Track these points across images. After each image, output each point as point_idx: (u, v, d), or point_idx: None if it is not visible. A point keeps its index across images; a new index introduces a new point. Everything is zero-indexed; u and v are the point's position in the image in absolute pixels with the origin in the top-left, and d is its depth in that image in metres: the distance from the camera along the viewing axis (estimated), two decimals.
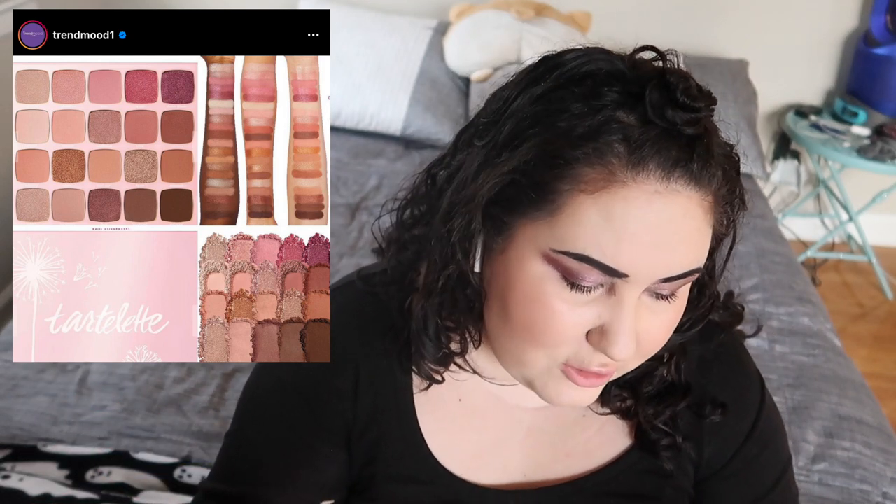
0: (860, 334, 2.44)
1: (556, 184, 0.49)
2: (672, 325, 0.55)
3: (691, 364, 0.66)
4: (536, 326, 0.52)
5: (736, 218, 0.56)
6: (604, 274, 0.50)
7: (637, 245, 0.48)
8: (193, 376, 1.38)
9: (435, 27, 2.44)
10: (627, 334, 0.51)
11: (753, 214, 2.07)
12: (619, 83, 0.50)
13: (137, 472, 1.17)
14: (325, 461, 0.66)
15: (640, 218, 0.48)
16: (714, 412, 0.65)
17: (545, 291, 0.51)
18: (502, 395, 0.66)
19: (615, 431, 0.67)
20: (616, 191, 0.48)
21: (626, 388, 0.65)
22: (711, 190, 0.50)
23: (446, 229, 0.54)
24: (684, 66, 0.53)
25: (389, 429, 0.65)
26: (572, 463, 0.67)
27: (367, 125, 2.32)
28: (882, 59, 2.39)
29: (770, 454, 0.68)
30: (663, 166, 0.48)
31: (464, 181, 0.54)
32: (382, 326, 0.64)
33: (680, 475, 0.67)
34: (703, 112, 0.49)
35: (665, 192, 0.48)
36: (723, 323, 0.67)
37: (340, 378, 0.65)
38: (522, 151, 0.50)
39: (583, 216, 0.49)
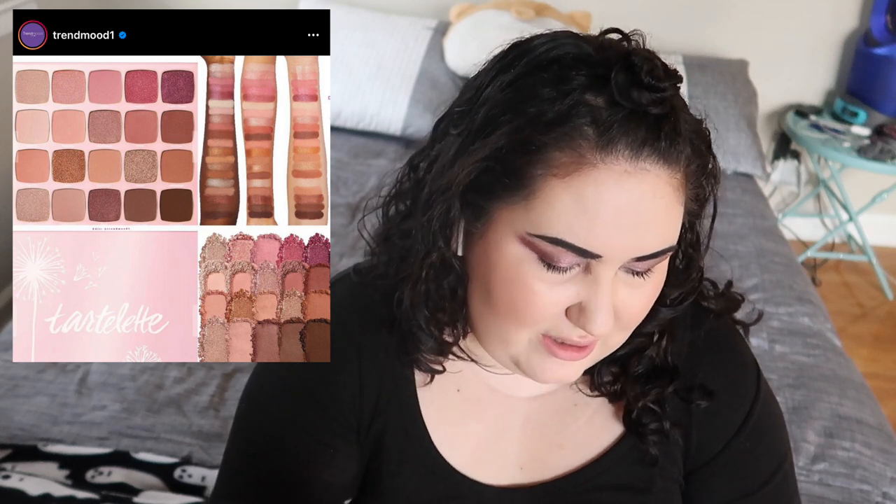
0: (860, 334, 2.44)
1: (529, 169, 0.51)
2: (650, 298, 0.57)
3: (682, 349, 0.66)
4: (517, 305, 0.54)
5: (714, 192, 0.57)
6: (578, 255, 0.51)
7: (609, 227, 0.50)
8: (193, 376, 1.38)
9: (435, 27, 2.44)
10: (604, 310, 0.53)
11: (753, 214, 2.08)
12: (586, 66, 0.51)
13: (137, 472, 1.17)
14: (346, 459, 0.66)
15: (610, 200, 0.50)
16: (701, 397, 0.65)
17: (524, 272, 0.53)
18: (497, 385, 0.67)
19: (605, 419, 0.68)
20: (587, 173, 0.50)
21: (615, 365, 0.65)
22: (681, 167, 0.52)
23: (426, 218, 0.56)
24: (684, 66, 0.54)
25: (393, 421, 0.66)
26: (565, 454, 0.67)
27: (367, 125, 2.32)
28: (882, 59, 2.39)
29: (765, 447, 0.67)
30: (631, 147, 0.49)
31: (441, 170, 0.56)
32: (380, 319, 0.64)
33: (669, 464, 0.67)
34: (668, 91, 0.50)
35: (634, 172, 0.50)
36: (718, 309, 0.67)
37: (344, 372, 0.65)
38: (495, 138, 0.52)
39: (555, 200, 0.50)
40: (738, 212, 2.07)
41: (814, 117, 2.54)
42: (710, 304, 0.67)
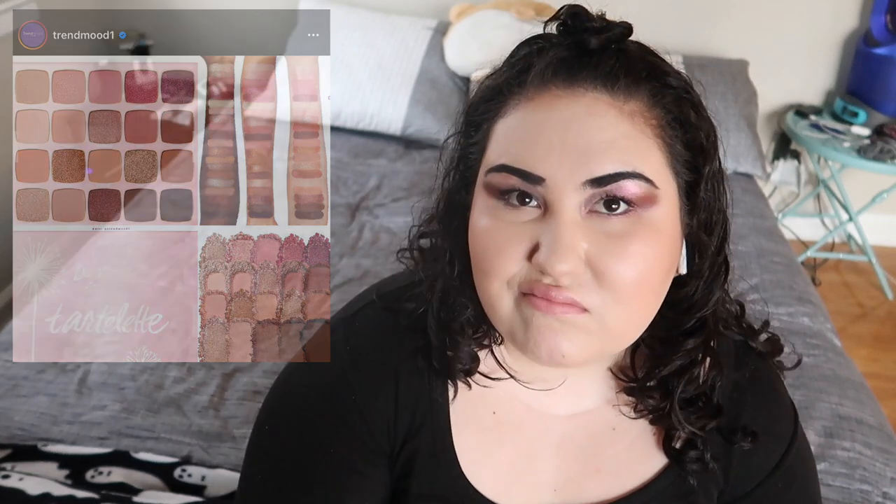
0: (860, 334, 2.44)
1: (488, 119, 0.56)
2: (639, 257, 0.52)
3: (726, 388, 0.65)
4: (482, 255, 0.55)
5: (711, 144, 0.58)
6: (522, 180, 0.52)
7: (546, 146, 0.51)
8: (193, 376, 1.38)
9: (435, 27, 2.44)
10: (561, 244, 0.50)
11: (753, 214, 2.08)
12: (543, 39, 0.56)
13: (137, 472, 1.17)
14: (377, 483, 0.65)
15: (544, 120, 0.52)
16: (744, 439, 0.64)
17: (486, 220, 0.55)
18: (534, 403, 0.66)
19: (645, 448, 0.66)
20: (525, 105, 0.54)
21: (657, 388, 0.63)
22: (630, 97, 0.53)
23: (439, 216, 0.60)
24: (684, 66, 0.55)
25: (425, 445, 0.65)
26: (602, 481, 0.66)
27: (367, 125, 2.32)
28: (882, 59, 2.39)
29: (797, 490, 0.67)
30: (566, 72, 0.53)
31: (448, 172, 0.60)
32: (413, 344, 0.64)
33: (704, 500, 0.66)
34: (611, 30, 0.54)
35: (566, 95, 0.52)
36: (762, 352, 0.67)
37: (382, 397, 0.64)
38: (473, 104, 0.58)
39: (500, 136, 0.55)
40: (738, 212, 2.07)
41: (814, 117, 2.54)
42: (756, 346, 0.66)
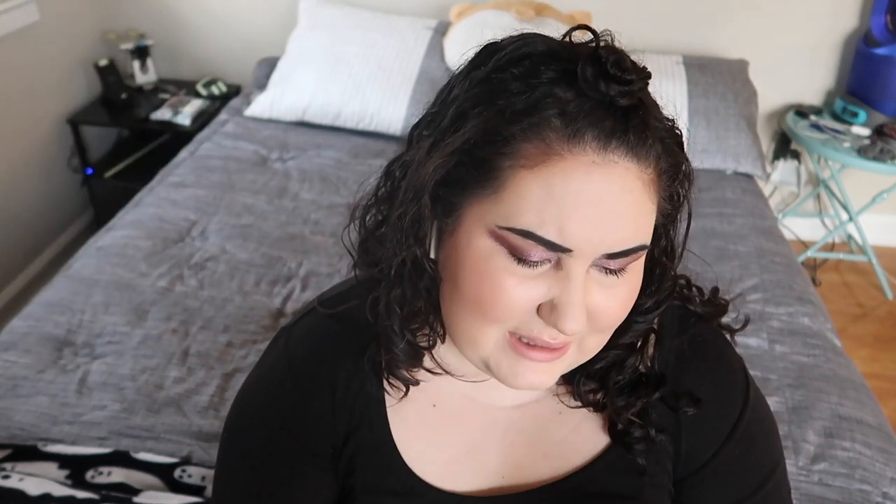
0: (860, 334, 2.44)
1: (498, 161, 0.51)
2: (627, 300, 0.55)
3: (669, 356, 0.65)
4: (486, 301, 0.53)
5: (687, 194, 0.57)
6: (548, 249, 0.50)
7: (579, 219, 0.49)
8: (193, 376, 1.38)
9: (435, 27, 2.44)
10: (576, 307, 0.51)
11: (753, 214, 2.08)
12: (556, 61, 0.51)
13: (137, 472, 1.17)
14: (320, 483, 0.68)
15: (579, 191, 0.49)
16: (688, 405, 0.64)
17: (493, 265, 0.52)
18: (476, 395, 0.67)
19: (591, 429, 0.67)
20: (555, 164, 0.49)
21: (595, 380, 0.65)
22: (651, 163, 0.51)
23: (397, 216, 0.56)
24: (684, 66, 0.54)
25: (364, 443, 0.67)
26: (550, 464, 0.66)
27: (367, 125, 2.32)
28: (882, 59, 2.38)
29: (755, 455, 0.66)
30: (599, 137, 0.49)
31: (414, 171, 0.55)
32: (350, 345, 0.66)
33: (658, 472, 0.66)
34: (636, 84, 0.50)
35: (602, 164, 0.49)
36: (705, 314, 0.66)
37: (317, 400, 0.66)
38: (464, 132, 0.52)
39: (524, 191, 0.50)
40: (738, 212, 2.07)
41: (814, 117, 2.54)
42: (695, 309, 0.66)
